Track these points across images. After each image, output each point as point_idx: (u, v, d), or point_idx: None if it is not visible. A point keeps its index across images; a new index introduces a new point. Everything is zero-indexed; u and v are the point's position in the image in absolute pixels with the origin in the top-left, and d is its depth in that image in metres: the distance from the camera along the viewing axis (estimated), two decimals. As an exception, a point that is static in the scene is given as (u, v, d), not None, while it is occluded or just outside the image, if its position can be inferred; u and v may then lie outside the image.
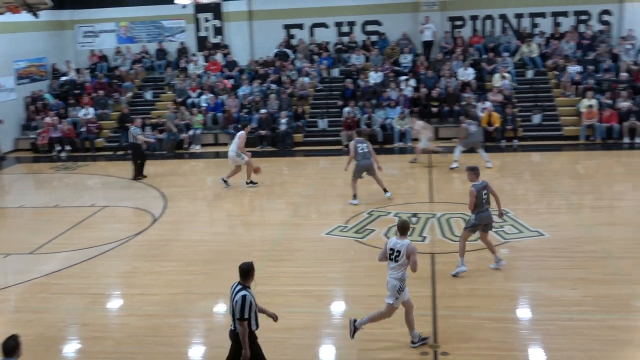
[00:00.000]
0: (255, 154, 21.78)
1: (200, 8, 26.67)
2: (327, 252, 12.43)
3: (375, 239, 12.86)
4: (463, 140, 18.40)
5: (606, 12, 25.27)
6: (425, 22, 25.19)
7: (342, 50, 26.26)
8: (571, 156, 20.26)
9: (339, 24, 26.90)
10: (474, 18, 26.04)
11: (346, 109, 22.62)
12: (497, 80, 23.22)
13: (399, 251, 8.44)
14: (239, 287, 7.30)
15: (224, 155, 22.26)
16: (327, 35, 26.92)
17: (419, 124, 19.63)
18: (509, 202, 14.90)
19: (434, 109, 22.69)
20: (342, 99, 23.71)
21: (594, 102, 21.37)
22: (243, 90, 24.69)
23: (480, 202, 10.80)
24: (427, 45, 25.56)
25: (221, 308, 10.36)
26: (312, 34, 27.06)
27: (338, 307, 10.27)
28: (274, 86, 24.67)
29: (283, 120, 22.63)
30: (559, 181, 16.98)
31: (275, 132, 22.72)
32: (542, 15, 25.68)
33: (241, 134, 17.57)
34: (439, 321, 9.27)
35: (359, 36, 26.64)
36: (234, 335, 7.36)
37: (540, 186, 16.72)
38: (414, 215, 14.17)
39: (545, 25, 25.61)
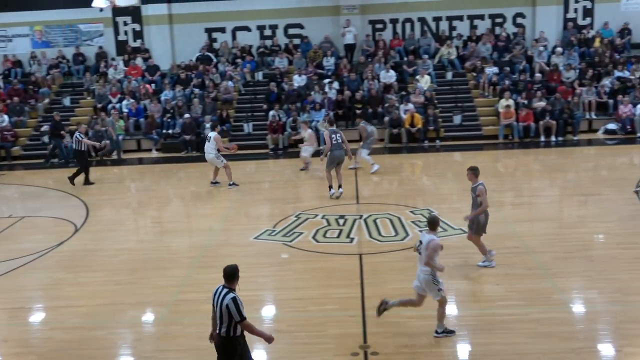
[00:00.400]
0: (180, 159, 21.58)
1: (118, 12, 26.08)
2: (256, 256, 12.37)
3: (303, 242, 12.89)
4: (365, 142, 18.40)
5: (520, 15, 26.22)
6: (347, 25, 25.47)
7: (265, 53, 26.25)
8: (491, 155, 20.88)
9: (261, 28, 26.89)
10: (394, 21, 26.51)
11: (271, 113, 22.61)
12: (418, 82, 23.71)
13: (421, 243, 8.76)
14: (225, 290, 7.11)
15: (148, 161, 21.95)
16: (250, 39, 26.85)
17: (309, 132, 19.22)
18: (433, 202, 15.28)
19: (358, 111, 22.93)
20: (266, 102, 23.69)
21: (511, 102, 22.10)
22: (165, 94, 24.32)
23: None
24: (349, 48, 25.85)
25: (149, 317, 10.16)
26: (234, 38, 26.92)
27: (268, 312, 10.24)
28: (197, 90, 24.41)
29: (207, 125, 22.39)
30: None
31: (199, 136, 22.46)
32: (460, 18, 26.40)
33: (215, 135, 17.39)
34: (369, 321, 9.37)
35: (281, 39, 26.70)
36: (220, 340, 7.17)
37: (462, 185, 17.02)
38: (341, 217, 14.28)
39: (463, 28, 26.34)
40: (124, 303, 10.54)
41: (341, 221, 14.02)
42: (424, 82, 23.71)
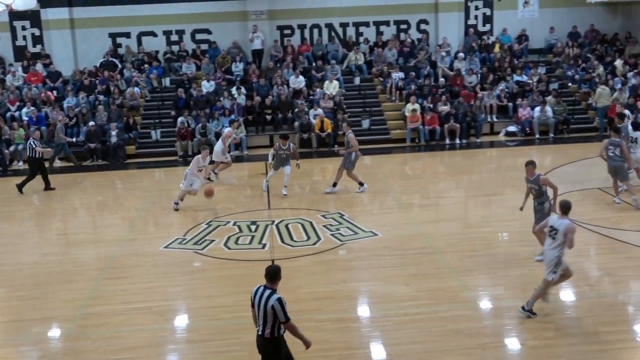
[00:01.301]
0: (85, 169, 20.93)
1: (15, 15, 24.99)
2: (167, 265, 12.16)
3: (214, 250, 12.77)
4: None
5: (423, 21, 26.96)
6: (254, 30, 25.43)
7: (172, 59, 25.85)
8: (399, 158, 21.33)
9: (167, 33, 26.45)
10: (301, 27, 26.69)
11: (180, 119, 22.26)
12: (327, 88, 23.93)
13: (557, 229, 9.01)
14: (269, 291, 7.05)
15: (51, 171, 21.11)
16: (156, 44, 26.35)
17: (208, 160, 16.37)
18: (344, 205, 15.45)
19: (268, 117, 22.95)
20: (174, 108, 23.31)
21: (417, 106, 22.63)
22: (68, 102, 23.52)
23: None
24: (258, 53, 25.83)
25: (55, 333, 9.79)
26: (140, 43, 26.36)
27: (181, 322, 10.08)
28: (102, 97, 23.74)
29: (113, 133, 21.83)
30: (389, 182, 17.83)
31: (105, 144, 21.87)
32: (366, 24, 26.87)
33: (229, 130, 18.60)
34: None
35: (188, 45, 26.35)
36: (262, 341, 7.12)
37: (372, 188, 17.38)
38: (253, 223, 14.23)
39: (369, 33, 26.80)
40: (28, 319, 10.12)
41: (253, 227, 13.98)
42: (333, 87, 23.96)
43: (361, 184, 16.53)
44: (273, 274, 7.14)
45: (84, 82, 24.36)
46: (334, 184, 16.61)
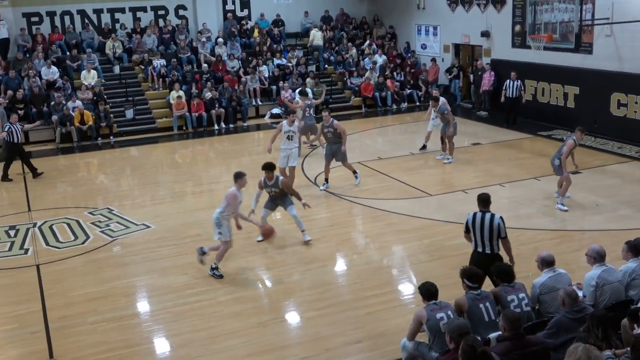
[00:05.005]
0: None
1: None
2: None
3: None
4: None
5: (182, 7, 26.61)
6: (-1, 18, 23.32)
7: None
8: (167, 147, 20.88)
9: None
10: (51, 14, 24.94)
11: None
12: (85, 78, 22.71)
13: None
14: (489, 214, 8.32)
15: None
16: None
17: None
18: (114, 199, 14.89)
19: (21, 112, 21.20)
20: None
21: (181, 93, 22.33)
22: None
23: None
24: (3, 43, 23.71)
25: None
26: None
27: None
28: None
29: None
30: (159, 172, 17.47)
31: None
32: (122, 10, 25.85)
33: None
34: (53, 335, 8.77)
35: None
36: (490, 259, 8.09)
37: (142, 180, 16.95)
38: (12, 227, 13.13)
39: (126, 20, 25.84)
40: None
41: (12, 232, 12.89)
42: (91, 77, 22.79)
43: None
44: (486, 200, 8.47)
45: None
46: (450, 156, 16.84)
